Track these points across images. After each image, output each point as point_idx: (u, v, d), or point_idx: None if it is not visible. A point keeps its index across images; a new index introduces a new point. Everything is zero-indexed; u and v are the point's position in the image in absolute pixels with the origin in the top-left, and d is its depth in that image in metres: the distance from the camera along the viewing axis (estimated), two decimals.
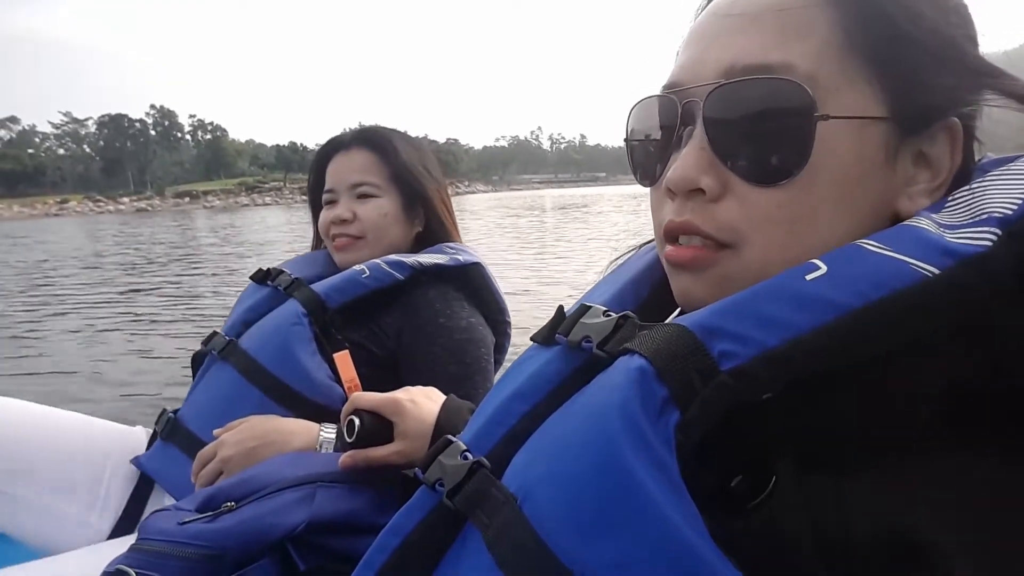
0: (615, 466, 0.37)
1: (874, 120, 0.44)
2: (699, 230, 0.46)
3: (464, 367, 1.11)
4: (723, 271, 0.46)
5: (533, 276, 8.33)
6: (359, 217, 1.25)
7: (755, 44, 0.45)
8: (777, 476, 0.38)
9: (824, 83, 0.43)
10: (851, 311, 0.36)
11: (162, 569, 0.75)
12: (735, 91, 0.45)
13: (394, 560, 0.49)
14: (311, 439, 0.98)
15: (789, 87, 0.43)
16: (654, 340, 0.40)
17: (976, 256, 0.36)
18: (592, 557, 0.36)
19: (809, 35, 0.44)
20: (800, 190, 0.44)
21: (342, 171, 1.27)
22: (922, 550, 0.33)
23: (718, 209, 0.46)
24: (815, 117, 0.43)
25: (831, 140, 0.43)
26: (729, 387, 0.37)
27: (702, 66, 0.47)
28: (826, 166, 0.44)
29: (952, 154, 0.46)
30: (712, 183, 0.46)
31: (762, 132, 0.44)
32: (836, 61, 0.44)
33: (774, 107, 0.44)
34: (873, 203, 0.45)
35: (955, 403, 0.38)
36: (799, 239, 0.44)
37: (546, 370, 0.49)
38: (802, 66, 0.44)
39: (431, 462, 0.50)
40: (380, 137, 1.29)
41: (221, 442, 0.99)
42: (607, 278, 0.61)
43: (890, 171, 0.45)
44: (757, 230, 0.45)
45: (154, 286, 9.13)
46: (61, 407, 1.27)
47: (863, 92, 0.44)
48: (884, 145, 0.45)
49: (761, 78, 0.44)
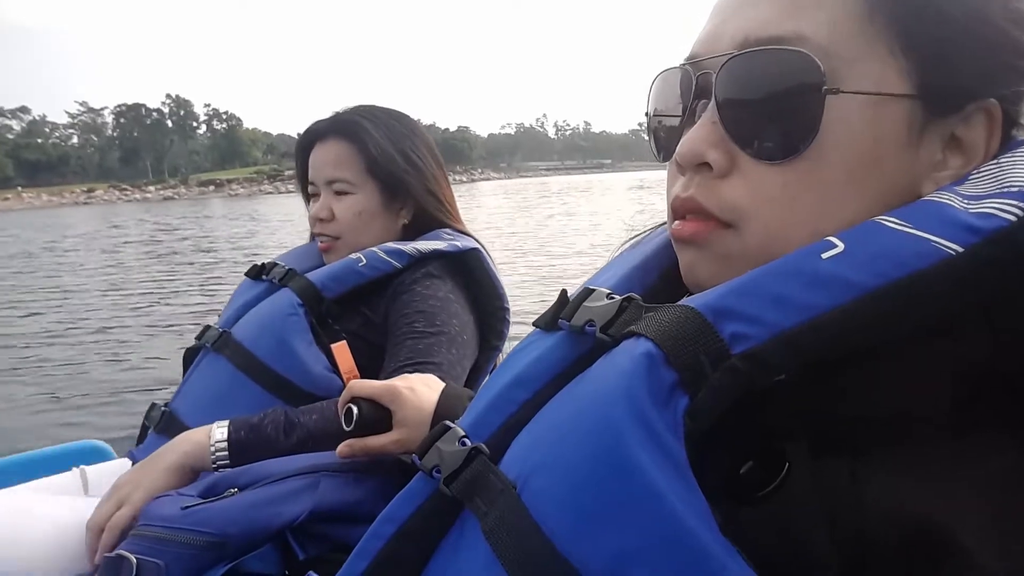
0: (618, 453, 0.35)
1: (895, 97, 0.41)
2: (702, 208, 0.45)
3: (431, 326, 1.06)
4: (724, 250, 0.45)
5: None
6: (336, 216, 1.20)
7: (770, 15, 0.43)
8: (790, 463, 0.36)
9: (840, 54, 0.41)
10: (870, 291, 0.35)
11: (163, 555, 0.75)
12: (745, 63, 0.43)
13: (389, 548, 0.48)
14: (197, 441, 0.93)
15: (798, 59, 0.41)
16: (661, 322, 0.39)
17: (1000, 231, 0.35)
18: (592, 547, 0.35)
19: (825, 3, 0.42)
20: (807, 169, 0.42)
21: (318, 164, 1.22)
22: (939, 539, 0.32)
23: (723, 186, 0.44)
24: (824, 91, 0.40)
25: (844, 116, 0.41)
26: (741, 371, 0.35)
27: (718, 38, 0.46)
28: (837, 144, 0.41)
29: (989, 139, 0.43)
30: (719, 158, 0.44)
31: (770, 106, 0.42)
32: (855, 30, 0.41)
33: (782, 80, 0.42)
34: (889, 187, 0.42)
35: (974, 387, 0.36)
36: (804, 221, 0.42)
37: (548, 356, 0.48)
38: (816, 36, 0.41)
39: (428, 448, 0.49)
40: (353, 125, 1.19)
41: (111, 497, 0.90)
42: (614, 261, 0.59)
43: (912, 153, 0.42)
44: (759, 210, 0.43)
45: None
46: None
47: (886, 65, 0.41)
48: (907, 124, 0.42)
49: (771, 49, 0.42)
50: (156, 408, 1.17)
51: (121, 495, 0.89)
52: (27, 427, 3.94)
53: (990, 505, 0.34)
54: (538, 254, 10.74)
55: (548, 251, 11.01)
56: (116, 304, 8.04)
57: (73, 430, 3.68)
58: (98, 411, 4.14)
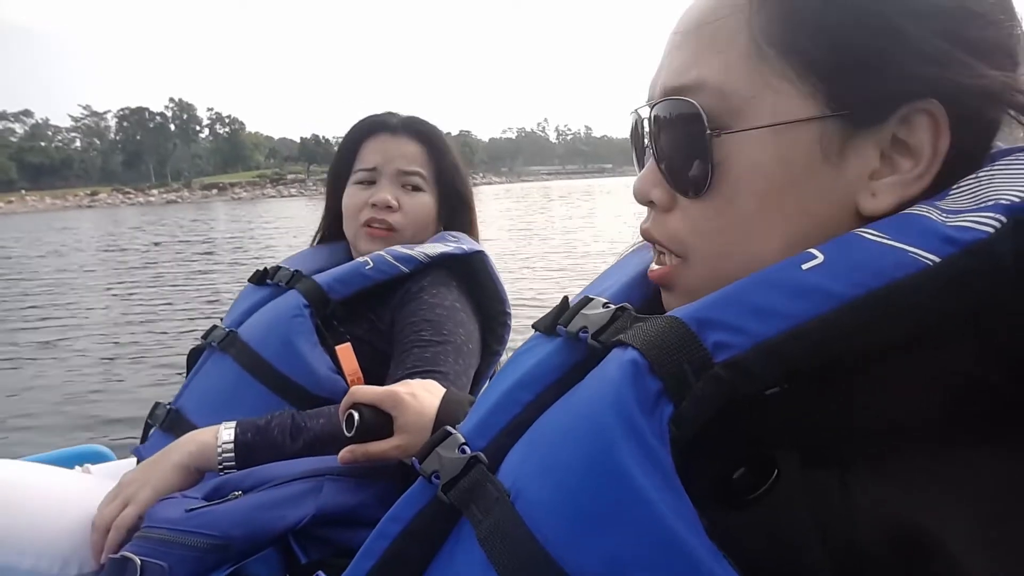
0: (606, 461, 0.36)
1: (799, 123, 0.42)
2: (656, 239, 0.50)
3: (437, 335, 1.06)
4: (684, 284, 0.49)
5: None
6: (403, 208, 1.20)
7: (680, 64, 0.47)
8: (780, 469, 0.37)
9: (738, 92, 0.43)
10: (849, 301, 0.35)
11: (167, 557, 0.75)
12: (660, 112, 0.48)
13: (394, 548, 0.49)
14: (203, 442, 0.94)
15: (686, 106, 0.45)
16: (647, 332, 0.40)
17: (978, 243, 0.35)
18: (584, 554, 0.36)
19: (728, 46, 0.44)
20: (723, 201, 0.45)
21: (390, 152, 1.20)
22: (929, 547, 0.32)
23: (668, 221, 0.49)
24: (708, 135, 0.44)
25: (743, 151, 0.44)
26: (724, 380, 0.36)
27: (653, 86, 0.50)
28: (741, 177, 0.44)
29: (935, 139, 0.42)
30: (661, 196, 0.49)
31: (678, 150, 0.47)
32: (748, 67, 0.43)
33: (681, 126, 0.46)
34: (814, 205, 0.43)
35: (962, 396, 0.37)
36: (736, 248, 0.45)
37: (547, 361, 0.49)
38: (712, 80, 0.44)
39: (429, 453, 0.50)
40: (431, 131, 1.23)
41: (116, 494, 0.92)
42: (612, 269, 0.60)
43: (835, 169, 0.43)
44: (697, 241, 0.47)
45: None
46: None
47: (787, 94, 0.42)
48: (820, 144, 0.42)
49: (671, 99, 0.46)
50: (160, 406, 1.17)
51: (127, 494, 0.89)
52: (27, 431, 3.94)
53: (978, 512, 0.34)
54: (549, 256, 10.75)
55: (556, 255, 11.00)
56: (118, 307, 8.05)
57: (74, 434, 3.69)
58: (98, 416, 4.15)
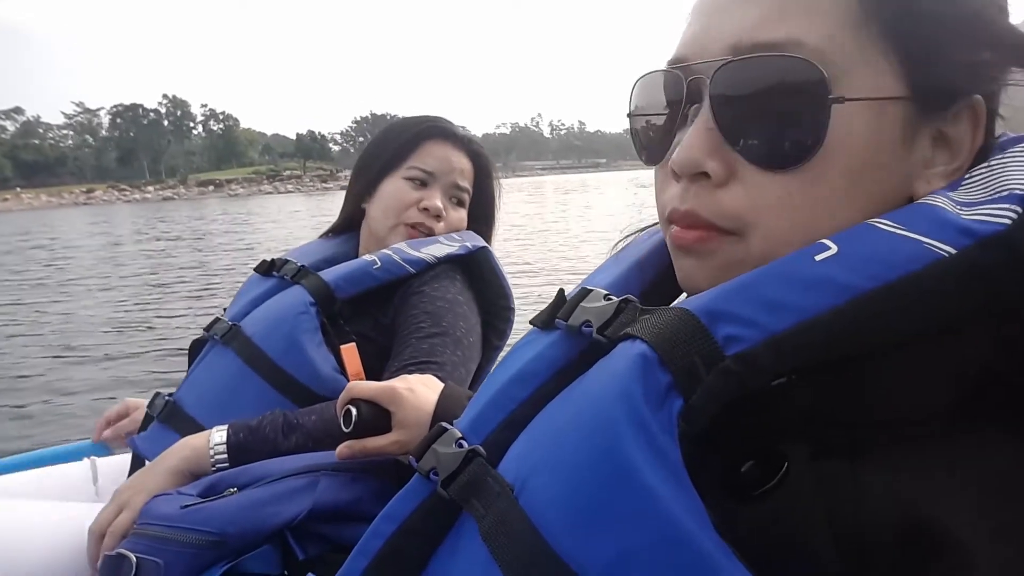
0: (614, 455, 0.35)
1: (893, 100, 0.41)
2: (702, 219, 0.44)
3: (436, 326, 1.06)
4: (727, 258, 0.44)
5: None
6: (447, 219, 1.21)
7: (762, 17, 0.42)
8: (789, 462, 0.36)
9: (837, 60, 0.40)
10: (862, 293, 0.35)
11: (162, 554, 0.75)
12: (743, 69, 0.42)
13: (389, 547, 0.48)
14: (196, 446, 0.95)
15: (802, 66, 0.40)
16: (656, 325, 0.39)
17: (995, 235, 0.34)
18: (589, 549, 0.35)
19: (818, 8, 0.41)
20: (812, 176, 0.41)
21: (452, 163, 1.22)
22: (940, 540, 0.32)
23: (723, 195, 0.43)
24: (830, 100, 0.40)
25: (847, 123, 0.40)
26: (734, 373, 0.35)
27: (708, 41, 0.44)
28: (841, 150, 0.41)
29: (974, 135, 0.43)
30: (718, 167, 0.43)
31: (773, 113, 0.41)
32: (849, 36, 0.41)
33: (786, 87, 0.41)
34: (889, 188, 0.42)
35: (973, 388, 0.36)
36: (807, 227, 0.41)
37: (545, 355, 0.48)
38: (811, 42, 0.40)
39: (425, 450, 0.49)
40: (485, 154, 1.28)
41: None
42: (609, 261, 0.60)
43: (907, 153, 0.42)
44: (763, 218, 0.42)
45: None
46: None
47: (880, 69, 0.41)
48: (903, 126, 0.42)
49: (772, 56, 0.41)
50: (160, 397, 1.16)
51: (122, 500, 0.90)
52: (26, 428, 3.93)
53: (993, 506, 0.34)
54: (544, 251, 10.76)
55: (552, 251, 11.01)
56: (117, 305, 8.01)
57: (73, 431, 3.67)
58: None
